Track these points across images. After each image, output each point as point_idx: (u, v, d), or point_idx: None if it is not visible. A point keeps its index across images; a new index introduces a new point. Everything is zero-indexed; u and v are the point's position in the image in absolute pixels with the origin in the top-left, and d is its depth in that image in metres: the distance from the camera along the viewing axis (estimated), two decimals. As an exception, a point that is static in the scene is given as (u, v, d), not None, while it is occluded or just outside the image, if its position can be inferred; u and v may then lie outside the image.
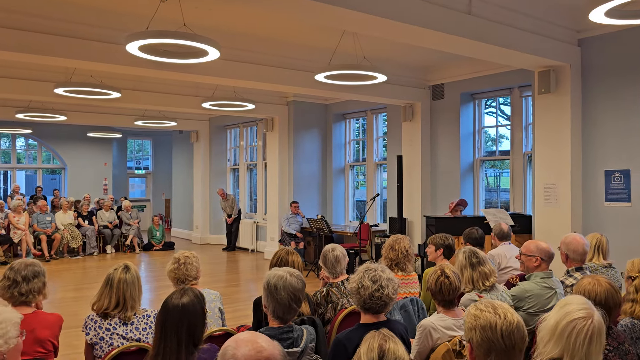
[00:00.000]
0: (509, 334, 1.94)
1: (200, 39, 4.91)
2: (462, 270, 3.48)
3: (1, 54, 5.89)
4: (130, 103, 9.74)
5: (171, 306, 2.34)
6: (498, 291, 3.47)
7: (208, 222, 14.13)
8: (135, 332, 3.02)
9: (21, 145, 16.15)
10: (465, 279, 3.45)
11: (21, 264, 3.02)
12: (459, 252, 3.63)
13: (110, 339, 2.95)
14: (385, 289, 2.68)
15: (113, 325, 2.98)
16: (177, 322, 2.29)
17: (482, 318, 1.99)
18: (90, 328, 2.96)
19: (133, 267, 3.13)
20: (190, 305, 2.36)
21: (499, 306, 2.01)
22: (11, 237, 11.10)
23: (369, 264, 2.80)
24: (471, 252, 3.54)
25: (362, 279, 2.71)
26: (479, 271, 3.46)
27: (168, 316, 2.32)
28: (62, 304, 7.38)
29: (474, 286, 3.44)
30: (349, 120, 11.61)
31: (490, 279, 3.44)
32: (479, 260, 3.49)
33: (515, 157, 8.33)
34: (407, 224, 9.27)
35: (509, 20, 5.75)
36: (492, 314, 1.98)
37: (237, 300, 7.62)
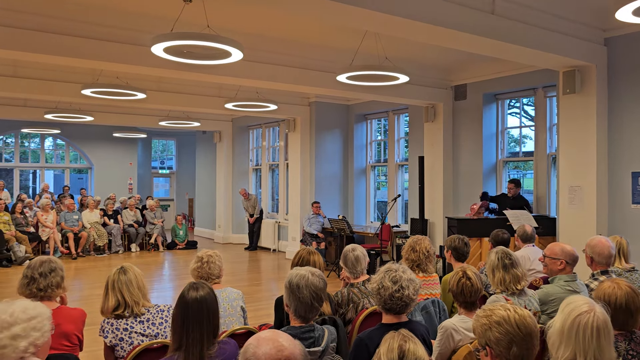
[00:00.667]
0: (523, 323, 2.00)
1: (223, 41, 4.98)
2: (494, 271, 3.41)
3: (31, 56, 6.05)
4: (155, 104, 9.90)
5: (191, 300, 2.39)
6: (526, 295, 3.40)
7: (230, 222, 14.26)
8: (153, 328, 3.07)
9: (49, 145, 16.52)
10: (497, 280, 3.38)
11: (37, 261, 3.08)
12: (490, 253, 3.57)
13: (129, 338, 2.99)
14: (405, 289, 2.68)
15: (130, 324, 3.02)
16: (198, 315, 2.35)
17: (494, 315, 2.04)
18: (107, 331, 2.99)
19: (131, 268, 3.15)
20: (208, 297, 2.43)
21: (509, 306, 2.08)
22: (39, 234, 11.37)
23: (390, 265, 2.80)
24: (504, 254, 3.45)
25: (383, 280, 2.72)
26: (512, 273, 3.37)
27: (189, 310, 2.37)
28: (89, 300, 7.54)
29: (506, 288, 3.36)
30: (370, 121, 11.60)
31: (522, 282, 3.36)
32: (512, 262, 3.41)
33: (539, 158, 8.22)
34: (429, 225, 9.22)
35: (533, 20, 5.68)
36: (502, 310, 2.05)
37: (259, 300, 7.68)
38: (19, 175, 15.74)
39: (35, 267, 3.03)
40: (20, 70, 8.38)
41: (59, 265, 3.11)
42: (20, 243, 10.67)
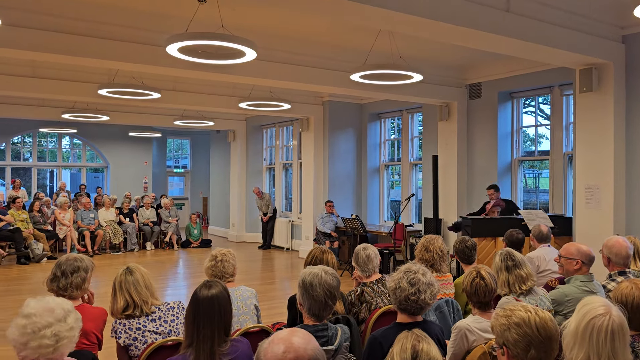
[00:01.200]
0: (543, 326, 1.97)
1: (237, 40, 5.00)
2: (498, 273, 3.40)
3: (48, 57, 6.14)
4: (170, 103, 9.98)
5: (202, 297, 2.42)
6: (537, 295, 3.38)
7: (244, 221, 14.32)
8: (165, 325, 3.08)
9: (66, 145, 16.74)
10: (501, 281, 3.37)
11: (65, 258, 3.11)
12: (495, 255, 3.57)
13: (143, 337, 3.00)
14: (422, 293, 2.65)
15: (142, 323, 3.02)
16: (209, 312, 2.38)
17: (514, 316, 2.00)
18: (120, 332, 2.99)
19: (137, 268, 3.15)
20: (220, 295, 2.45)
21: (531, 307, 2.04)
22: (57, 232, 11.53)
23: (410, 265, 2.76)
24: (507, 255, 3.44)
25: (401, 280, 2.69)
26: (515, 274, 3.35)
27: (200, 307, 2.40)
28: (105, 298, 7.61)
29: (510, 290, 3.35)
30: (384, 120, 11.57)
31: (527, 282, 3.34)
32: (515, 263, 3.38)
33: (555, 157, 8.13)
34: (443, 225, 9.17)
35: (549, 17, 5.62)
36: (522, 311, 2.01)
37: (273, 298, 7.70)
38: (36, 174, 15.97)
39: (60, 264, 3.07)
40: (38, 71, 8.50)
41: (85, 265, 3.11)
42: (38, 241, 10.82)
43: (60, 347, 2.01)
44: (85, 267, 3.12)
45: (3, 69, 8.20)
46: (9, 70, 8.28)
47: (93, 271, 3.22)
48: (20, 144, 15.70)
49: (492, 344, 2.84)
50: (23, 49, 5.80)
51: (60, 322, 2.03)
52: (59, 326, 2.01)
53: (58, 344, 2.00)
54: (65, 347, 2.04)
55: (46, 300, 2.09)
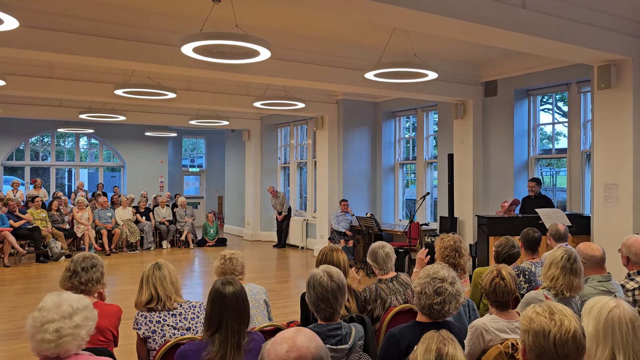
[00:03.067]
0: (562, 344, 1.82)
1: (252, 40, 5.01)
2: (551, 265, 3.25)
3: (65, 57, 6.22)
4: (185, 103, 10.05)
5: (229, 293, 2.51)
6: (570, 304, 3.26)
7: (259, 219, 14.37)
8: (184, 322, 3.14)
9: (84, 144, 16.95)
10: (550, 274, 3.22)
11: (80, 256, 3.20)
12: (559, 247, 3.43)
13: (162, 330, 3.07)
14: (447, 304, 2.57)
15: (162, 317, 3.10)
16: (237, 307, 2.49)
17: (536, 322, 1.88)
18: (141, 324, 3.08)
19: (165, 265, 3.22)
20: (243, 291, 2.57)
21: (558, 311, 1.88)
22: (75, 231, 11.68)
23: (439, 269, 2.65)
24: (571, 256, 3.23)
25: (427, 286, 2.60)
26: (568, 279, 3.18)
27: (227, 302, 2.49)
28: (121, 296, 7.72)
29: (552, 286, 3.21)
30: (398, 118, 11.52)
31: (571, 292, 3.19)
32: (573, 268, 3.19)
33: (573, 155, 8.03)
34: (458, 224, 9.11)
35: (566, 13, 5.54)
36: (547, 320, 1.87)
37: (287, 297, 7.72)
38: (55, 173, 16.20)
39: (78, 261, 3.14)
40: (56, 72, 8.61)
41: (100, 262, 3.22)
42: (56, 239, 10.98)
43: (62, 344, 2.01)
44: (101, 263, 3.24)
45: (21, 70, 8.32)
46: (27, 72, 8.40)
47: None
48: (38, 144, 15.93)
49: (508, 344, 2.82)
50: (40, 50, 5.88)
51: (64, 319, 2.04)
52: (62, 323, 2.03)
53: (60, 340, 2.01)
54: (69, 344, 2.03)
55: (61, 297, 2.13)
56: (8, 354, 5.21)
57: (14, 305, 7.09)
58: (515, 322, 2.91)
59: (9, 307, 7.00)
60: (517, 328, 2.89)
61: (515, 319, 2.92)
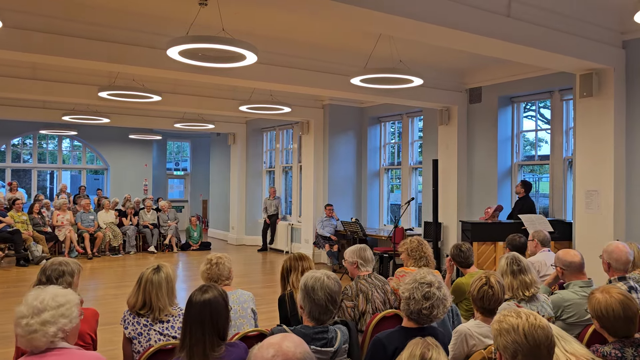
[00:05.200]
0: (532, 333, 1.93)
1: (238, 44, 5.01)
2: (502, 277, 3.39)
3: (49, 59, 6.15)
4: (170, 106, 9.99)
5: (194, 301, 2.45)
6: (539, 301, 3.36)
7: (244, 224, 14.31)
8: (171, 330, 3.11)
9: (67, 147, 16.74)
10: (505, 286, 3.37)
11: (50, 263, 3.11)
12: (501, 258, 3.57)
13: (147, 334, 3.05)
14: (435, 308, 2.62)
15: (150, 322, 3.08)
16: (200, 316, 2.40)
17: (505, 322, 2.00)
18: (128, 322, 3.07)
19: (165, 269, 3.19)
20: (213, 299, 2.46)
21: (524, 312, 2.01)
22: (56, 234, 11.52)
23: (425, 274, 2.71)
24: (513, 259, 3.44)
25: (415, 291, 2.63)
26: (520, 280, 3.35)
27: (192, 310, 2.43)
28: (104, 300, 7.62)
29: (513, 294, 3.35)
30: (384, 124, 11.58)
31: (530, 288, 3.33)
32: (520, 268, 3.39)
33: (555, 162, 8.14)
34: (443, 229, 9.17)
35: (550, 22, 5.63)
36: (514, 318, 1.99)
37: (272, 301, 7.63)
38: (36, 175, 15.97)
39: (45, 269, 3.08)
40: (39, 73, 8.50)
41: (71, 269, 3.12)
42: (37, 243, 10.81)
43: (31, 340, 2.11)
44: (70, 270, 3.12)
45: (3, 70, 8.20)
46: (9, 72, 8.29)
47: (80, 273, 3.22)
48: (20, 145, 15.70)
49: (491, 349, 2.85)
50: (24, 51, 5.81)
51: (33, 316, 2.12)
52: (30, 319, 2.12)
53: (29, 336, 2.11)
54: (37, 341, 2.11)
55: (40, 291, 2.22)
56: (-13, 360, 5.11)
57: (-7, 310, 6.96)
58: (498, 327, 2.94)
59: (-12, 312, 6.87)
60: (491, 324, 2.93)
61: (498, 324, 2.95)
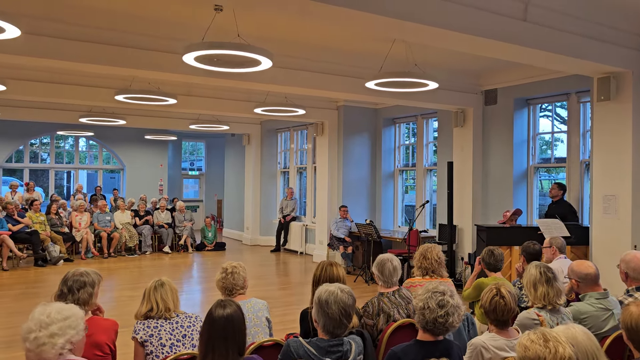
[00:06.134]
0: None
1: (254, 50, 5.03)
2: (536, 285, 3.34)
3: (66, 64, 6.23)
4: (186, 108, 10.07)
5: (217, 317, 2.45)
6: (560, 313, 3.32)
7: (258, 224, 14.36)
8: (180, 329, 3.24)
9: (83, 146, 16.94)
10: (540, 294, 3.31)
11: (72, 274, 3.15)
12: (530, 267, 3.49)
13: (159, 334, 3.17)
14: (451, 316, 2.62)
15: (160, 324, 3.21)
16: (224, 332, 2.41)
17: (531, 350, 1.94)
18: (139, 330, 3.19)
19: (168, 283, 3.37)
20: (235, 315, 2.48)
21: (552, 338, 1.95)
22: (73, 235, 11.67)
23: (438, 285, 2.73)
24: (546, 267, 3.39)
25: (429, 300, 2.65)
26: (555, 288, 3.30)
27: (215, 326, 2.43)
28: (119, 302, 7.70)
29: (549, 302, 3.28)
30: (398, 125, 11.54)
31: (562, 296, 3.31)
32: (554, 276, 3.35)
33: (572, 164, 8.05)
34: (457, 232, 9.12)
35: (567, 26, 5.56)
36: (542, 347, 1.93)
37: (288, 304, 7.71)
38: (54, 175, 16.19)
39: (66, 280, 3.12)
40: (56, 77, 8.62)
41: (92, 279, 3.16)
42: (55, 243, 10.96)
43: (40, 353, 2.21)
44: (91, 281, 3.16)
45: (22, 74, 8.33)
46: (27, 76, 8.41)
47: (100, 283, 3.27)
48: (38, 145, 15.92)
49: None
50: (42, 57, 5.90)
51: (41, 329, 2.22)
52: (38, 333, 2.22)
53: (38, 349, 2.20)
54: (47, 353, 2.21)
55: (45, 307, 2.31)
56: (7, 362, 5.21)
57: (12, 312, 7.08)
58: (515, 339, 2.91)
59: (8, 313, 6.99)
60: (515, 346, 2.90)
61: (515, 336, 2.93)
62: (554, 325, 3.22)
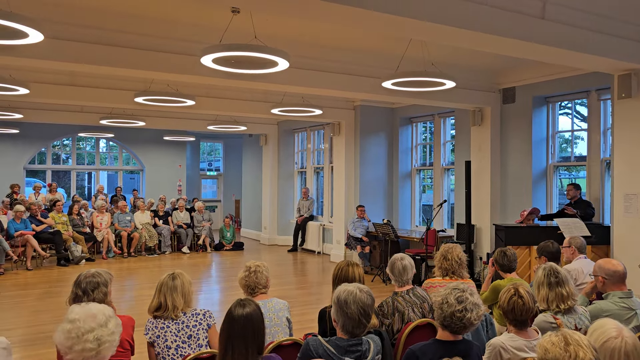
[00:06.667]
0: None
1: (271, 51, 5.07)
2: (539, 288, 3.35)
3: (88, 67, 6.34)
4: (203, 109, 10.16)
5: (237, 316, 2.49)
6: (576, 313, 3.30)
7: (276, 224, 14.44)
8: (186, 330, 3.24)
9: (104, 148, 17.20)
10: (540, 297, 3.31)
11: (83, 276, 3.20)
12: (538, 268, 3.49)
13: (164, 336, 3.20)
14: (469, 312, 2.63)
15: (166, 324, 3.22)
16: (243, 331, 2.44)
17: (551, 353, 1.92)
18: (149, 329, 3.23)
19: (181, 277, 3.33)
20: (254, 314, 2.51)
21: (573, 342, 1.92)
22: (95, 235, 11.87)
23: (458, 284, 2.78)
24: (551, 271, 3.37)
25: (448, 296, 2.68)
26: (556, 292, 3.28)
27: (235, 325, 2.47)
28: (139, 301, 7.81)
29: (548, 307, 3.30)
30: (415, 124, 11.50)
31: (567, 301, 3.26)
32: (558, 281, 3.31)
33: (592, 163, 7.94)
34: (475, 231, 9.07)
35: (586, 23, 5.49)
36: (562, 351, 1.90)
37: (305, 304, 7.74)
38: (75, 176, 16.46)
39: (79, 282, 3.17)
40: (77, 79, 8.77)
41: (104, 279, 3.21)
42: (77, 243, 11.16)
43: (102, 351, 2.16)
44: (104, 281, 3.22)
45: (44, 77, 8.50)
46: (49, 79, 8.58)
47: (112, 282, 3.33)
48: (59, 147, 16.21)
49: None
50: (64, 61, 6.01)
51: (102, 327, 2.17)
52: (100, 331, 2.16)
53: (100, 348, 2.15)
54: (107, 351, 2.18)
55: (89, 307, 2.24)
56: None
57: (36, 310, 7.22)
58: (534, 340, 2.90)
59: (32, 312, 7.13)
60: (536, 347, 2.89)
61: (534, 337, 2.92)
62: (572, 327, 3.19)
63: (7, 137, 14.35)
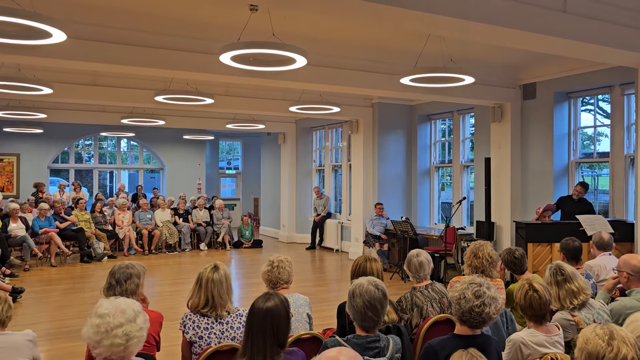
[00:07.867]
0: None
1: (288, 48, 5.09)
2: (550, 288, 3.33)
3: (109, 67, 6.44)
4: (222, 108, 10.23)
5: (257, 309, 2.49)
6: (593, 308, 3.27)
7: (294, 222, 14.49)
8: (230, 331, 3.18)
9: (125, 147, 17.44)
10: (553, 297, 3.27)
11: (118, 267, 3.23)
12: (545, 269, 3.48)
13: (208, 337, 3.11)
14: (487, 307, 2.60)
15: (210, 324, 3.14)
16: (262, 324, 2.44)
17: (592, 344, 1.88)
18: (189, 327, 3.13)
19: (222, 267, 3.26)
20: (274, 308, 2.49)
21: (619, 338, 1.87)
22: (117, 232, 12.05)
23: (475, 277, 2.74)
24: (557, 269, 3.36)
25: (466, 291, 2.64)
26: (566, 289, 3.26)
27: (254, 318, 2.48)
28: (160, 297, 7.91)
29: (562, 304, 3.26)
30: (434, 121, 11.42)
31: (578, 296, 3.23)
32: (564, 278, 3.29)
33: (616, 159, 7.80)
34: (496, 229, 8.98)
35: (608, 16, 5.40)
36: (604, 344, 1.86)
37: (323, 300, 7.77)
38: (97, 175, 16.72)
39: (114, 272, 3.21)
40: (99, 79, 8.91)
41: (137, 271, 3.24)
42: (99, 240, 11.35)
43: (130, 346, 2.15)
44: (137, 273, 3.24)
45: (66, 77, 8.65)
46: (72, 79, 8.73)
47: (145, 275, 3.33)
48: (82, 146, 16.48)
49: (548, 358, 2.79)
50: (87, 61, 6.12)
51: (130, 323, 2.17)
52: (129, 326, 2.16)
53: (128, 343, 2.14)
54: (135, 346, 2.18)
55: (118, 302, 2.24)
56: (55, 353, 5.42)
57: (60, 305, 7.37)
58: (555, 335, 2.88)
59: (55, 307, 7.28)
60: (557, 342, 2.86)
61: (554, 332, 2.89)
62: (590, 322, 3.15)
63: (32, 136, 14.63)
